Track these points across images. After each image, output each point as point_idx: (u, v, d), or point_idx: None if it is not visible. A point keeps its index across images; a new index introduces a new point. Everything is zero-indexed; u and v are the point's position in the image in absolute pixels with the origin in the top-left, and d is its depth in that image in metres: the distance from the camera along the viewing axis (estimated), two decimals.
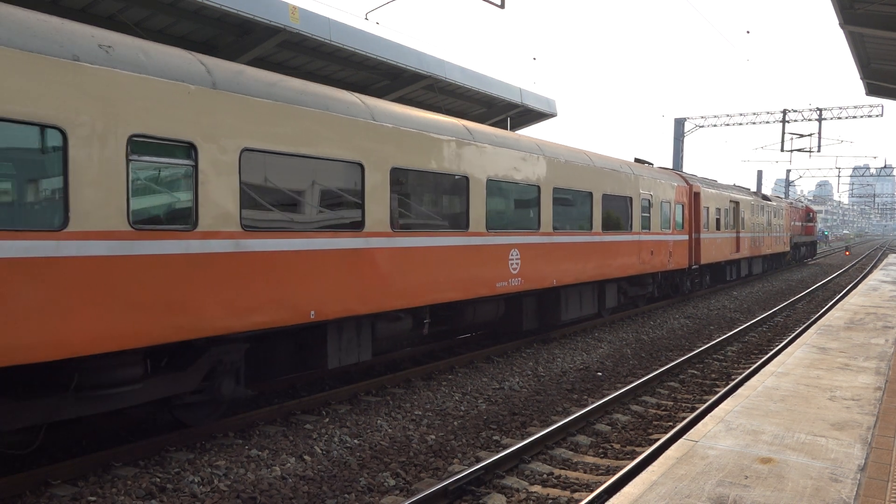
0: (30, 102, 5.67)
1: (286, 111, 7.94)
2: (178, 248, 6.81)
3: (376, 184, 9.25)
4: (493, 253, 11.72)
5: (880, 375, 7.99)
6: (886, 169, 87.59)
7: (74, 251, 5.96)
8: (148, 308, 6.51)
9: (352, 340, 9.37)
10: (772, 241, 34.58)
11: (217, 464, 7.04)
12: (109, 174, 6.25)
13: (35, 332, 5.69)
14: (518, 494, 6.61)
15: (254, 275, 7.53)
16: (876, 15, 13.14)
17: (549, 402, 9.95)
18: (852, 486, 4.58)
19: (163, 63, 6.79)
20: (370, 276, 9.13)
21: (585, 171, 14.91)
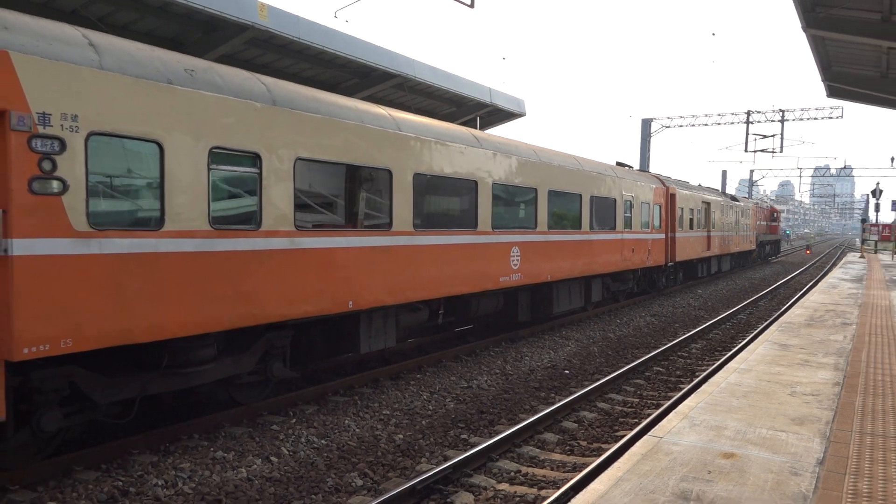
0: (138, 121, 6.66)
1: (331, 124, 8.97)
2: (247, 245, 7.82)
3: (402, 188, 10.31)
4: (498, 250, 12.84)
5: (839, 371, 8.17)
6: (846, 169, 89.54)
7: (170, 248, 6.97)
8: (224, 297, 7.51)
9: (380, 329, 10.42)
10: (739, 239, 36.01)
11: (181, 466, 6.94)
12: (195, 181, 7.23)
13: (141, 316, 6.67)
14: (486, 493, 6.63)
15: (304, 269, 8.58)
16: (837, 19, 13.43)
17: (517, 400, 9.99)
18: (811, 480, 4.68)
19: (234, 83, 7.82)
20: (396, 270, 10.16)
21: (576, 175, 16.03)
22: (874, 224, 42.99)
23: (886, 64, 16.47)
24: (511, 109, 22.59)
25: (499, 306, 13.96)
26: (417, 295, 10.67)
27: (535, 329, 15.31)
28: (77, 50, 6.32)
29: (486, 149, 12.55)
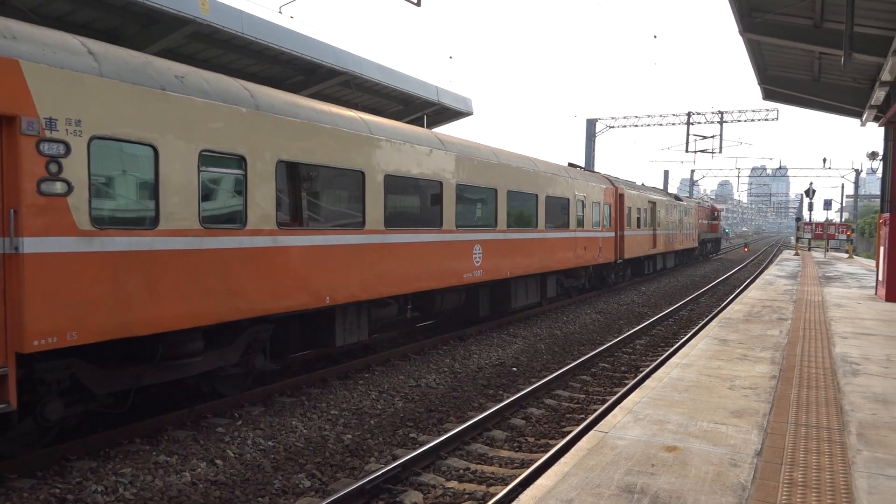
0: (135, 125, 7.05)
1: (308, 128, 9.43)
2: (234, 243, 8.27)
3: (374, 188, 10.81)
4: (462, 248, 13.54)
5: (775, 365, 8.46)
6: (781, 170, 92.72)
7: (164, 246, 7.38)
8: (212, 292, 7.92)
9: (353, 323, 10.92)
10: (683, 237, 37.25)
11: (122, 471, 6.75)
12: (187, 182, 7.65)
13: (139, 310, 7.08)
14: (435, 491, 6.64)
15: (285, 265, 9.05)
16: (772, 23, 13.88)
17: (466, 398, 10.04)
18: (750, 471, 4.83)
19: (220, 89, 8.23)
20: (368, 267, 10.69)
21: (532, 176, 16.86)
22: (808, 223, 44.61)
23: (818, 68, 17.10)
24: (458, 108, 22.67)
25: (461, 302, 14.59)
26: (388, 290, 11.23)
27: (482, 327, 15.41)
28: (78, 58, 6.68)
29: (450, 151, 13.17)
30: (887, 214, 15.65)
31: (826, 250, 47.25)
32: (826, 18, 13.22)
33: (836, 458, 5.10)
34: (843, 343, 10.09)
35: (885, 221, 15.66)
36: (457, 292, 14.18)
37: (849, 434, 5.71)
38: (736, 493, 4.43)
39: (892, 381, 7.68)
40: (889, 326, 11.81)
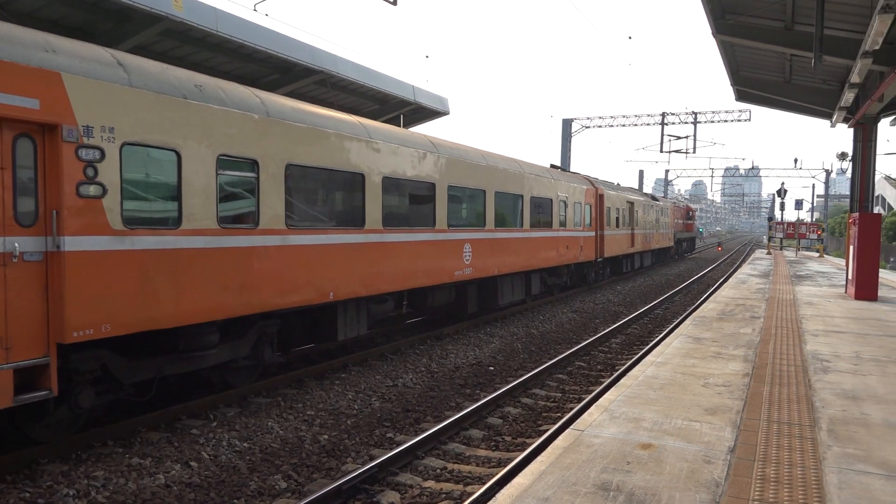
0: (161, 132, 7.57)
1: (314, 133, 9.99)
2: (248, 242, 8.80)
3: (373, 189, 11.40)
4: (453, 246, 14.18)
5: (748, 362, 8.57)
6: (754, 170, 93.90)
7: (186, 244, 7.90)
8: (228, 288, 8.45)
9: (353, 318, 11.47)
10: (659, 237, 38.12)
11: (95, 475, 6.65)
12: (206, 185, 8.18)
13: (164, 305, 7.59)
14: (412, 491, 6.63)
15: (293, 263, 9.58)
16: (745, 25, 14.06)
17: (443, 397, 10.04)
18: (723, 467, 4.89)
19: (235, 97, 8.74)
20: (368, 264, 11.25)
21: (518, 178, 17.59)
22: (779, 222, 45.26)
23: (790, 70, 17.35)
24: (435, 108, 22.66)
25: (452, 299, 15.23)
26: (386, 287, 11.81)
27: (459, 326, 15.42)
28: (110, 69, 7.18)
29: (442, 154, 13.79)
30: (857, 214, 15.93)
31: (797, 249, 47.96)
32: (797, 21, 13.42)
33: (807, 454, 5.18)
34: (814, 341, 10.26)
35: (854, 221, 15.95)
36: (448, 289, 14.83)
37: (820, 430, 5.80)
38: (710, 489, 4.48)
39: (861, 378, 7.82)
40: (858, 324, 12.02)
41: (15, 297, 6.30)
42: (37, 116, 6.40)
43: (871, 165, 17.17)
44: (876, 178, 18.50)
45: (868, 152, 17.07)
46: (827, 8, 11.74)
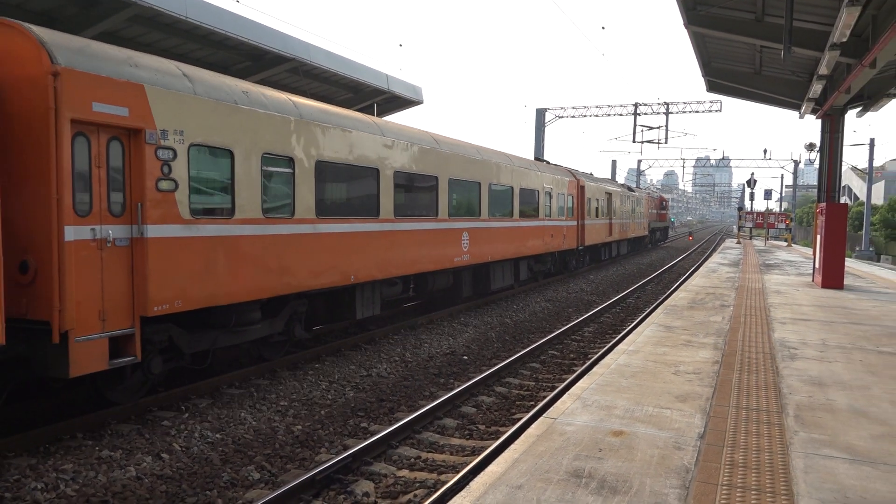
0: (219, 134, 8.70)
1: (339, 132, 11.17)
2: (286, 230, 9.96)
3: (386, 183, 12.55)
4: (453, 235, 15.42)
5: (718, 350, 8.70)
6: (724, 160, 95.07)
7: (238, 232, 9.04)
8: (271, 271, 9.59)
9: (369, 299, 12.58)
10: (635, 226, 39.54)
11: (63, 468, 6.56)
12: (253, 180, 9.32)
13: (221, 285, 8.72)
14: (386, 480, 6.65)
15: (322, 248, 10.75)
16: (716, 17, 14.18)
17: (417, 387, 10.06)
18: (693, 453, 4.96)
19: (275, 101, 9.90)
20: (382, 251, 12.43)
21: (509, 170, 18.81)
22: (749, 212, 45.91)
23: (760, 61, 17.56)
24: (408, 97, 22.56)
25: (450, 283, 16.43)
26: (397, 271, 13.04)
27: (433, 316, 15.44)
28: (178, 80, 8.25)
29: (443, 149, 15.02)
30: (824, 204, 16.21)
31: (766, 239, 48.71)
32: (767, 13, 13.57)
33: (774, 440, 5.28)
34: (781, 328, 10.44)
35: (821, 211, 16.23)
36: (447, 275, 16.07)
37: (787, 416, 5.91)
38: (680, 475, 4.55)
39: (827, 364, 7.98)
40: (825, 312, 12.26)
41: (109, 277, 7.39)
42: (126, 122, 7.46)
43: (838, 156, 17.47)
44: (843, 168, 18.83)
45: (835, 143, 17.36)
46: (796, 0, 11.89)
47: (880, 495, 4.26)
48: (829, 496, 4.23)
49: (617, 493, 4.24)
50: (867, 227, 39.30)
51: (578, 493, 4.23)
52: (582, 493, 4.23)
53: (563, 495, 4.19)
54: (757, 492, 4.30)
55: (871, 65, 11.90)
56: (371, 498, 6.25)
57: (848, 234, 32.31)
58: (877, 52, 10.85)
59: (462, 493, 4.24)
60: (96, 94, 7.15)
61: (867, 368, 7.78)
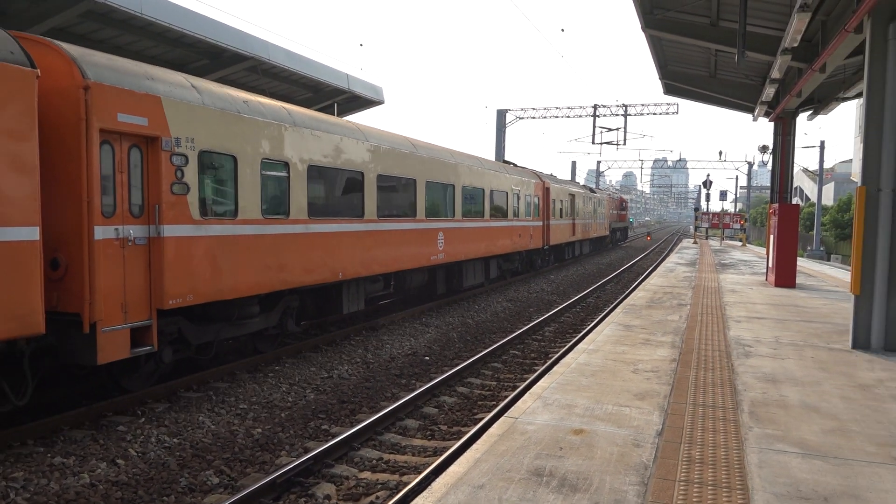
0: (224, 140, 9.49)
1: (328, 139, 12.01)
2: (282, 229, 10.73)
3: (370, 186, 13.42)
4: (430, 234, 16.31)
5: (675, 349, 8.84)
6: (681, 162, 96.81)
7: (240, 232, 9.80)
8: (269, 268, 10.37)
9: (354, 295, 13.49)
10: (597, 226, 40.93)
11: (13, 476, 6.37)
12: (254, 183, 10.08)
13: (226, 280, 9.49)
14: (347, 482, 6.60)
15: (314, 247, 11.54)
16: (673, 21, 14.42)
17: (379, 388, 10.01)
18: (651, 450, 5.04)
19: (270, 110, 10.67)
20: (366, 249, 13.27)
21: (480, 173, 19.89)
22: (705, 213, 46.82)
23: (715, 65, 17.92)
24: (369, 97, 22.46)
25: (425, 281, 17.38)
26: (380, 269, 13.91)
27: (394, 317, 15.40)
28: (188, 91, 9.01)
29: (420, 153, 15.95)
30: (776, 205, 16.61)
31: (722, 239, 49.70)
32: (722, 17, 13.86)
33: (730, 436, 5.39)
34: (737, 327, 10.66)
35: (774, 211, 16.63)
36: (423, 272, 17.02)
37: (742, 412, 6.04)
38: (639, 471, 4.61)
39: (780, 361, 8.18)
40: (778, 310, 12.57)
41: (130, 273, 8.09)
42: (145, 131, 8.16)
43: (790, 158, 17.92)
44: (795, 170, 19.32)
45: (787, 145, 17.80)
46: (750, 5, 12.16)
47: (830, 488, 4.38)
48: (783, 490, 4.33)
49: (577, 490, 4.28)
50: (818, 227, 40.39)
51: (539, 491, 4.26)
52: (543, 491, 4.26)
53: (525, 494, 4.21)
54: (713, 487, 4.39)
55: (820, 69, 12.24)
56: (332, 500, 6.20)
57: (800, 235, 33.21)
58: (826, 57, 11.16)
59: (424, 493, 4.24)
60: (121, 105, 7.85)
61: (818, 365, 8.00)
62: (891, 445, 5.21)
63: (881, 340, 8.84)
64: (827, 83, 16.03)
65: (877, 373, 7.64)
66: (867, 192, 8.78)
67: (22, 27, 12.31)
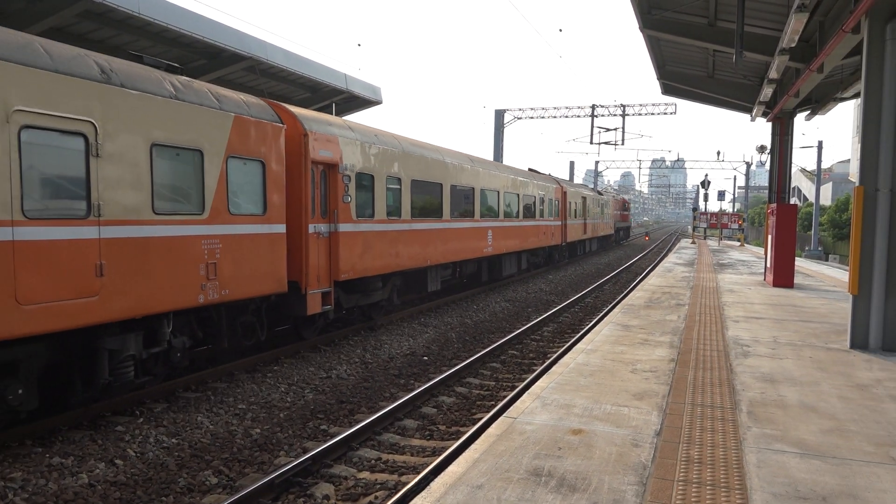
0: (368, 165, 13.20)
1: (422, 158, 15.97)
2: (397, 227, 14.59)
3: (446, 193, 17.44)
4: (482, 232, 20.20)
5: (673, 348, 8.85)
6: (679, 162, 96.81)
7: (377, 228, 13.71)
8: (389, 255, 14.29)
9: (434, 277, 17.40)
10: (604, 225, 44.61)
11: (12, 476, 6.36)
12: (382, 194, 13.87)
13: (367, 264, 13.30)
14: (346, 482, 6.60)
15: (414, 240, 15.45)
16: (671, 21, 14.44)
17: (377, 388, 10.01)
18: (650, 450, 5.04)
19: (390, 140, 14.47)
20: (443, 243, 17.13)
21: (516, 181, 23.86)
22: (703, 213, 46.85)
23: (713, 65, 17.93)
24: (367, 97, 22.46)
25: (476, 269, 21.06)
26: (451, 258, 17.74)
27: (393, 317, 15.41)
28: (348, 132, 12.69)
29: (477, 167, 19.89)
30: (774, 205, 16.63)
31: (720, 239, 49.72)
32: (720, 18, 13.87)
33: (728, 436, 5.40)
34: (735, 326, 10.67)
35: (772, 211, 16.64)
36: (475, 262, 20.80)
37: (740, 412, 6.05)
38: (637, 471, 4.61)
39: (778, 361, 8.19)
40: (776, 310, 12.58)
41: (321, 256, 11.73)
42: (330, 160, 11.88)
43: (787, 158, 17.94)
44: (792, 170, 19.34)
45: (785, 146, 17.83)
46: (747, 6, 12.18)
47: (829, 488, 4.38)
48: (781, 490, 4.34)
49: (576, 490, 4.28)
50: (816, 227, 40.44)
51: (538, 491, 4.26)
52: (542, 491, 4.27)
53: (524, 494, 4.22)
54: (712, 487, 4.39)
55: (818, 70, 12.26)
56: (331, 500, 6.20)
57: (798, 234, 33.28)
58: (824, 57, 11.17)
59: (423, 493, 4.24)
60: (320, 144, 11.57)
61: (816, 365, 8.01)
62: (889, 445, 5.22)
63: (879, 340, 8.86)
64: (825, 83, 16.05)
65: (875, 372, 7.66)
66: (865, 191, 8.79)
67: (20, 26, 12.29)
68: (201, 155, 9.03)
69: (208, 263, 9.13)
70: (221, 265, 9.37)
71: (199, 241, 8.99)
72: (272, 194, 10.35)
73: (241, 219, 9.84)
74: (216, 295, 9.28)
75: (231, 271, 9.57)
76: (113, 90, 7.54)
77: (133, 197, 7.91)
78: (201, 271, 9.00)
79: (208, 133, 9.10)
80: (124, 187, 7.79)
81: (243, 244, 9.83)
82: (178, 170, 8.67)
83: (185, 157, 8.80)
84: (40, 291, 6.74)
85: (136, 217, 7.94)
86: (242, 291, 9.83)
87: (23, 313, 6.58)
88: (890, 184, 8.63)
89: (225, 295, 9.45)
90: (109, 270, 7.54)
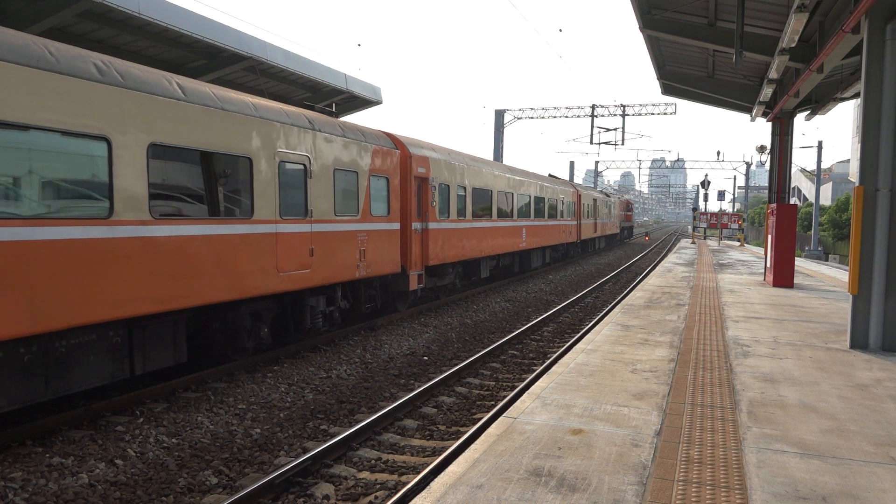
0: (446, 176, 17.59)
1: (478, 170, 19.99)
2: (462, 225, 18.70)
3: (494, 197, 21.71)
4: (518, 230, 24.19)
5: (673, 349, 8.85)
6: (679, 162, 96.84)
7: (448, 226, 17.96)
8: (456, 247, 18.15)
9: (485, 266, 21.29)
10: (611, 225, 48.38)
11: (11, 476, 6.36)
12: (454, 198, 17.99)
13: (442, 253, 17.29)
14: (346, 482, 6.60)
15: (472, 236, 19.58)
16: (671, 21, 14.44)
17: (377, 388, 10.02)
18: (650, 450, 5.04)
19: (457, 156, 18.53)
20: (491, 239, 21.10)
21: (543, 186, 27.96)
22: (703, 212, 46.84)
23: (713, 65, 17.93)
24: (367, 97, 22.46)
25: (511, 262, 25.18)
26: (497, 251, 21.82)
27: (393, 317, 15.41)
28: (433, 152, 16.72)
29: (515, 176, 24.19)
30: (774, 205, 16.63)
31: (720, 239, 49.72)
32: (720, 18, 13.87)
33: (728, 436, 5.40)
34: (735, 326, 10.68)
35: (772, 211, 16.64)
36: (512, 256, 25.04)
37: (740, 412, 6.05)
38: (637, 471, 4.62)
39: (778, 361, 8.19)
40: (776, 310, 12.58)
41: (416, 247, 15.37)
42: (423, 175, 15.69)
43: (787, 158, 17.94)
44: (792, 170, 19.34)
45: (785, 146, 17.83)
46: (747, 6, 12.18)
47: (829, 488, 4.39)
48: (781, 490, 4.34)
49: (576, 490, 4.28)
50: (816, 227, 40.43)
51: (538, 491, 4.27)
52: (542, 491, 4.27)
53: (524, 494, 4.22)
54: (712, 487, 4.39)
55: (818, 70, 12.26)
56: (331, 500, 6.21)
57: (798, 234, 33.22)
58: (823, 57, 11.17)
59: (423, 493, 4.24)
60: (417, 164, 15.40)
61: (816, 365, 8.01)
62: (889, 445, 5.23)
63: (879, 340, 8.86)
64: (824, 83, 16.06)
65: (875, 372, 7.66)
66: (865, 191, 8.79)
67: (21, 27, 12.29)
68: (356, 175, 13.00)
69: (360, 250, 13.06)
70: (367, 251, 13.29)
71: (356, 235, 12.93)
72: (394, 201, 14.53)
73: (377, 219, 13.76)
74: (364, 272, 13.23)
75: (371, 256, 13.47)
76: (319, 136, 11.68)
77: (326, 204, 11.86)
78: (357, 255, 12.95)
79: (361, 159, 13.21)
80: (321, 198, 11.72)
81: (378, 237, 13.77)
82: (345, 185, 12.61)
83: (349, 177, 12.76)
84: (287, 264, 10.66)
85: (328, 217, 11.93)
86: (377, 270, 13.76)
87: (280, 278, 10.52)
88: (890, 183, 8.64)
89: (368, 272, 13.35)
90: (316, 252, 11.47)
